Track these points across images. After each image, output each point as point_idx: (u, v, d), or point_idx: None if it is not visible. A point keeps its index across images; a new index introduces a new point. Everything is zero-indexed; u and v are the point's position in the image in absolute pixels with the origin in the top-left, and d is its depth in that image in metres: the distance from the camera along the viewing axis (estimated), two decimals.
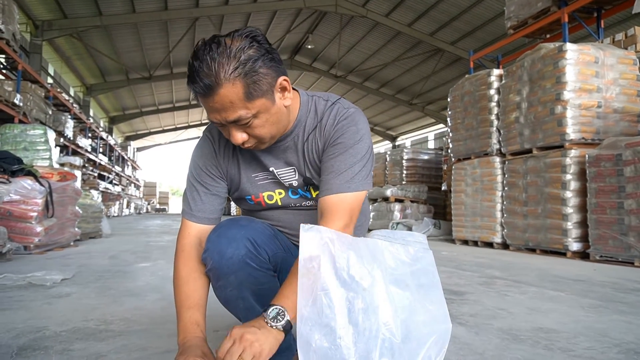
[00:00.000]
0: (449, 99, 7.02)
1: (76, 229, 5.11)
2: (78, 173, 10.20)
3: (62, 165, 9.15)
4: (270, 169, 1.14)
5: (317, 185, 1.13)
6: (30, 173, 4.24)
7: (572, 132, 4.71)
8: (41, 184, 4.17)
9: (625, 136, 4.54)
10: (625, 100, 4.82)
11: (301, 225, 0.89)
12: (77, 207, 5.11)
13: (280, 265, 1.13)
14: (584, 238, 4.57)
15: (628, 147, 4.08)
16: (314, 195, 1.17)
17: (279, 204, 1.18)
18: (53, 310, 1.99)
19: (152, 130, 26.95)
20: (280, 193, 1.17)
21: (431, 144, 23.66)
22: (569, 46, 4.75)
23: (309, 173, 1.13)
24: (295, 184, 1.15)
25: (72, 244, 4.99)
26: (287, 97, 1.01)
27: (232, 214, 22.13)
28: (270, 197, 1.17)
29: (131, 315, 1.93)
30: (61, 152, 10.63)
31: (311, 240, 0.89)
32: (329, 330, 0.85)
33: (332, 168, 1.04)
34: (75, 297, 2.31)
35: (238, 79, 0.90)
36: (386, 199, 8.89)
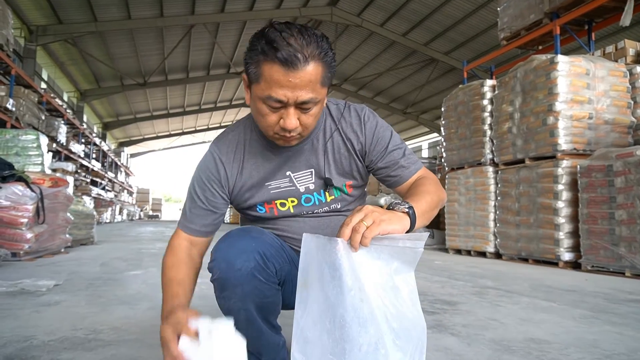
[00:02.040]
0: (442, 109, 7.07)
1: (67, 235, 5.06)
2: (70, 179, 10.12)
3: (54, 171, 9.08)
4: (287, 173, 1.15)
5: (334, 186, 1.17)
6: (21, 179, 4.20)
7: (564, 142, 4.75)
8: (32, 190, 4.13)
9: (616, 147, 4.59)
10: (616, 112, 4.88)
11: (303, 235, 0.90)
12: (68, 214, 5.06)
13: (284, 277, 1.13)
14: (575, 248, 4.60)
15: (619, 158, 4.13)
16: (328, 200, 1.19)
17: (291, 211, 1.18)
18: (41, 319, 1.97)
19: (145, 137, 26.86)
20: (292, 201, 1.17)
21: (425, 153, 23.79)
22: (561, 58, 4.81)
23: (328, 173, 1.16)
24: (311, 187, 1.17)
25: (62, 250, 4.93)
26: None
27: (225, 221, 22.04)
28: (283, 205, 1.18)
29: (121, 325, 1.91)
30: (54, 157, 10.55)
31: (310, 250, 0.89)
32: (326, 343, 0.85)
33: (397, 163, 1.16)
34: (65, 305, 2.28)
35: (321, 62, 0.95)
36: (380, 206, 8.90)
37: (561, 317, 2.26)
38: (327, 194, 1.18)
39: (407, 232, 0.92)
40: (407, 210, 0.94)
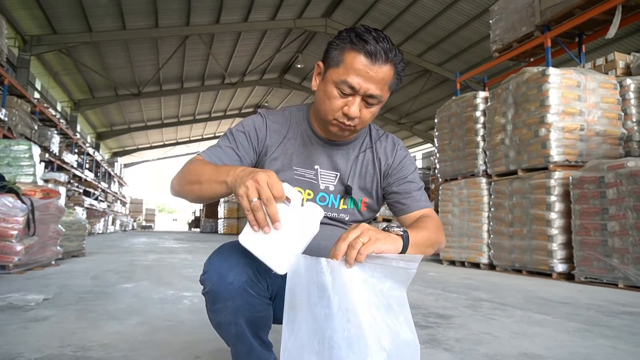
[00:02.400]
0: (436, 120, 7.12)
1: (58, 247, 5.00)
2: (63, 189, 10.04)
3: (46, 181, 9.00)
4: (315, 167, 1.21)
5: (351, 197, 1.23)
6: (12, 190, 4.15)
7: (556, 154, 4.79)
8: (23, 202, 4.09)
9: (607, 159, 4.63)
10: (607, 124, 4.93)
11: (289, 254, 0.89)
12: (59, 225, 5.01)
13: (276, 292, 1.13)
14: (569, 259, 4.61)
15: (610, 169, 4.16)
16: (341, 207, 1.23)
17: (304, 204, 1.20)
18: (29, 335, 1.93)
19: (139, 147, 26.74)
20: (309, 194, 1.21)
21: (419, 164, 23.86)
22: (552, 70, 4.87)
23: (351, 182, 1.23)
24: (331, 188, 1.22)
25: (53, 263, 4.87)
26: None
27: (219, 232, 21.90)
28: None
29: (110, 341, 1.88)
30: (46, 168, 10.47)
31: (297, 271, 0.88)
32: None
33: (410, 194, 1.23)
34: (54, 320, 2.24)
35: (395, 69, 1.08)
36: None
37: (555, 330, 2.25)
38: (342, 201, 1.23)
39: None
40: (401, 233, 0.96)
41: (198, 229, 29.24)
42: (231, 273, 0.99)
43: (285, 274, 0.89)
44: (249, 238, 0.88)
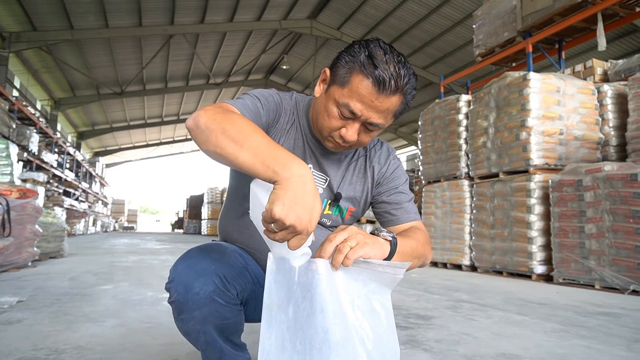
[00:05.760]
0: (419, 123, 7.17)
1: (35, 248, 4.89)
2: (41, 189, 9.83)
3: (24, 181, 8.80)
4: (309, 165, 1.16)
5: (338, 205, 1.18)
6: None
7: (536, 157, 4.86)
8: None
9: (585, 162, 4.73)
10: (585, 128, 5.04)
11: (269, 255, 0.87)
12: (37, 226, 4.89)
13: (247, 297, 1.10)
14: (548, 261, 4.69)
15: (588, 173, 4.24)
16: (325, 212, 1.18)
17: None
18: (0, 339, 1.88)
19: (122, 147, 26.36)
20: None
21: (404, 166, 24.04)
22: (533, 75, 4.95)
23: (340, 189, 1.18)
24: (320, 191, 1.17)
25: (30, 264, 4.75)
26: None
27: (202, 233, 21.70)
28: None
29: (86, 343, 1.84)
30: (24, 167, 10.24)
31: (276, 272, 0.87)
32: None
33: (401, 205, 1.19)
34: (27, 323, 2.18)
35: (404, 98, 0.99)
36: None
37: (533, 331, 2.28)
38: (328, 206, 1.18)
39: (385, 260, 0.92)
40: (390, 239, 0.94)
41: (181, 230, 28.93)
42: (197, 283, 0.96)
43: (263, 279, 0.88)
44: (259, 194, 0.84)
